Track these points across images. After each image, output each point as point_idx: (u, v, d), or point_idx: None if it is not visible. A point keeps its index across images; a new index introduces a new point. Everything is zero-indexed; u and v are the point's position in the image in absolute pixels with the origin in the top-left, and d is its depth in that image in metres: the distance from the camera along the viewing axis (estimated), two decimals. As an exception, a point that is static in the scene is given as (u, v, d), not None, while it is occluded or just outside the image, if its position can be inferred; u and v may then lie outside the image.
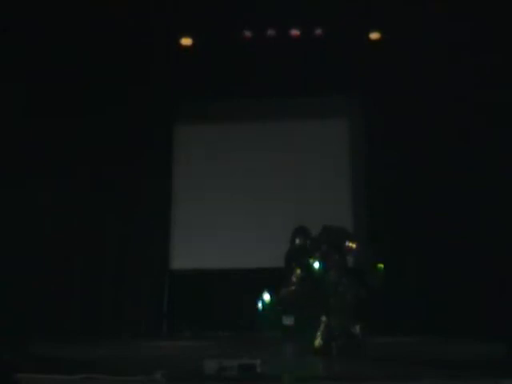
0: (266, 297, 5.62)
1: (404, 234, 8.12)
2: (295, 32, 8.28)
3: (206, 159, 8.87)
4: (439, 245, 7.95)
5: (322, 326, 5.33)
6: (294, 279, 5.60)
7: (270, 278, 7.89)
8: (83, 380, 3.80)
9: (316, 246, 5.52)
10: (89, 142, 8.50)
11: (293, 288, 5.58)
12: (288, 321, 8.00)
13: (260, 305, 5.63)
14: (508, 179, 7.57)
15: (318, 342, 5.29)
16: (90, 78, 8.34)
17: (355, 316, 5.49)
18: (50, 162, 8.24)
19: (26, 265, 7.78)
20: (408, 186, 8.19)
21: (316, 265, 5.46)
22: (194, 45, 8.46)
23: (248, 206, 8.53)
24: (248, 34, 8.29)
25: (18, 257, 7.67)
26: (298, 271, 5.59)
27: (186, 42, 8.44)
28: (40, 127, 8.05)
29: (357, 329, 5.38)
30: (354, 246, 5.52)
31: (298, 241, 5.64)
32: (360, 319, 5.44)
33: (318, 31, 8.25)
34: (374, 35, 8.26)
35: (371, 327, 7.61)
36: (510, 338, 4.96)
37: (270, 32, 8.28)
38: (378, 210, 8.36)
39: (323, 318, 5.34)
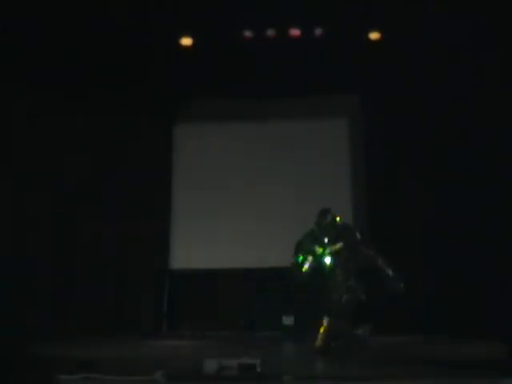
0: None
1: (404, 233, 8.13)
2: (295, 32, 8.27)
3: (205, 159, 8.88)
4: (439, 244, 7.95)
5: (323, 326, 5.32)
6: (306, 265, 5.57)
7: (270, 278, 7.96)
8: (83, 380, 3.80)
9: (331, 233, 5.45)
10: (88, 141, 8.50)
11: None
12: (288, 321, 8.02)
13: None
14: (508, 179, 7.57)
15: (318, 341, 5.28)
16: (90, 77, 8.33)
17: (357, 317, 5.49)
18: (49, 162, 8.24)
19: (26, 265, 7.78)
20: (408, 185, 8.19)
21: (328, 260, 5.45)
22: (194, 45, 8.45)
23: (248, 206, 8.53)
24: (248, 33, 8.29)
25: (18, 257, 7.66)
26: (310, 258, 5.56)
27: (186, 41, 8.43)
28: (39, 127, 8.05)
29: (361, 330, 5.37)
30: (368, 251, 5.47)
31: (323, 219, 5.54)
32: (365, 321, 5.43)
33: (318, 31, 8.25)
34: (374, 35, 8.25)
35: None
36: (510, 337, 4.95)
37: (270, 32, 8.28)
38: (377, 210, 8.37)
39: (324, 318, 5.33)
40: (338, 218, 5.54)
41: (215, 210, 8.63)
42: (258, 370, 3.90)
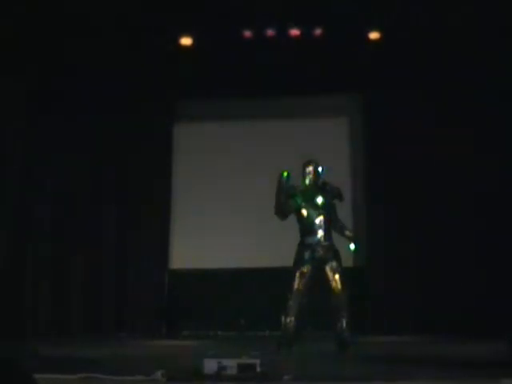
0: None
1: (404, 233, 8.13)
2: (295, 32, 8.26)
3: (205, 159, 8.87)
4: (439, 244, 7.95)
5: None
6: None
7: (270, 278, 7.96)
8: (83, 380, 3.79)
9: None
10: (88, 141, 8.50)
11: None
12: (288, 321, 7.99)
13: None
14: (508, 181, 7.59)
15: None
16: (90, 77, 8.33)
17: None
18: (49, 161, 8.25)
19: (26, 264, 7.78)
20: (408, 185, 8.19)
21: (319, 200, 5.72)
22: (194, 45, 8.45)
23: (248, 206, 8.51)
24: (248, 33, 8.28)
25: (17, 256, 7.67)
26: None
27: (186, 41, 8.42)
28: (39, 126, 8.06)
29: (346, 333, 5.41)
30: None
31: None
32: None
33: (318, 31, 8.24)
34: (374, 35, 8.25)
35: (372, 327, 7.65)
36: (511, 337, 4.94)
37: (270, 32, 8.27)
38: (377, 210, 8.36)
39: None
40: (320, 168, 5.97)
41: (215, 209, 8.62)
42: (258, 369, 3.89)
